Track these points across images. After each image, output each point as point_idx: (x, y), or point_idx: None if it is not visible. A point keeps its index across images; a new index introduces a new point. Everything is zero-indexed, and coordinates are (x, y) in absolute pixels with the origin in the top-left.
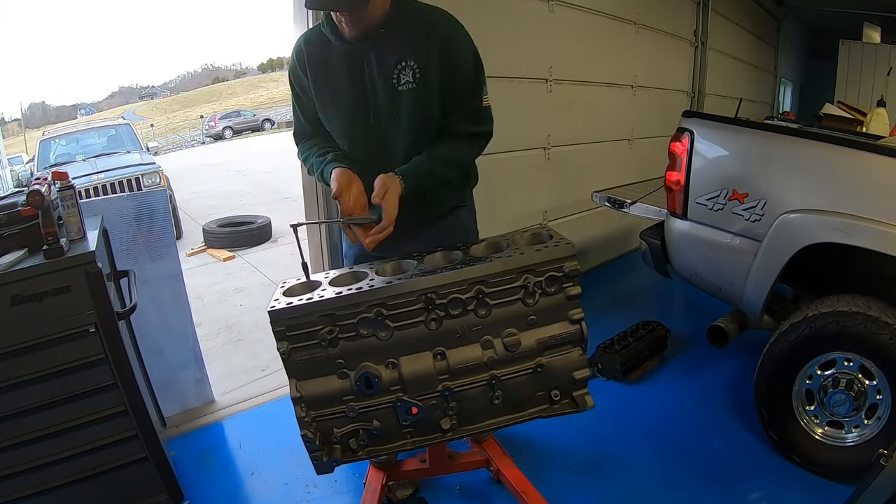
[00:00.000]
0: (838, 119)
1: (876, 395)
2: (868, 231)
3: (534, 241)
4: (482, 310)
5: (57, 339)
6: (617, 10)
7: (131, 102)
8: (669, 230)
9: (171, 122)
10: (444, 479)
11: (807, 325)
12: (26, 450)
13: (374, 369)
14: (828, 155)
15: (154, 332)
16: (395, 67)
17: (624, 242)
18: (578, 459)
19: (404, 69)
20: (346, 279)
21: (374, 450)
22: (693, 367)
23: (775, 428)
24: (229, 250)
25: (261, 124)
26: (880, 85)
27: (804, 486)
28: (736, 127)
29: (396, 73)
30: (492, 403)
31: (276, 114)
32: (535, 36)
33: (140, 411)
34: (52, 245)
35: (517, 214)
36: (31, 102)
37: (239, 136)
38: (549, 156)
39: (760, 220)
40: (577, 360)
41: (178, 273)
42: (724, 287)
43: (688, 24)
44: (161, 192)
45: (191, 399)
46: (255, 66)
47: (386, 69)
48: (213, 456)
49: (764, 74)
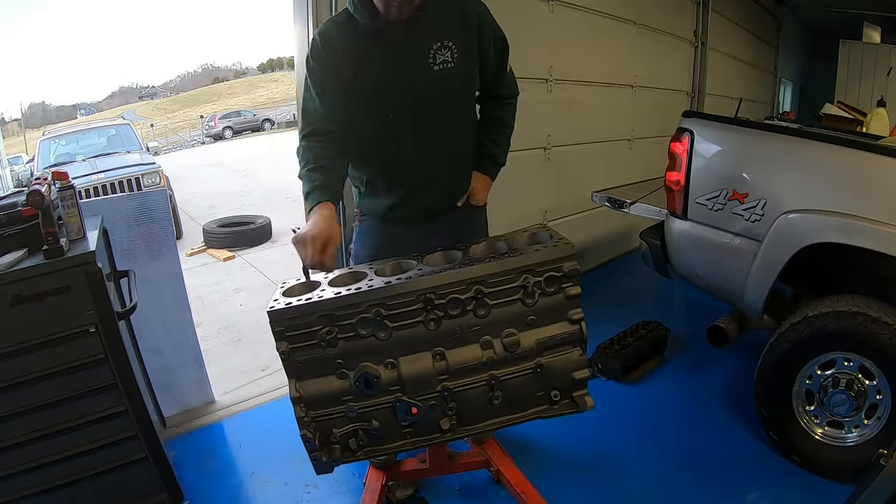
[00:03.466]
0: (838, 119)
1: (876, 395)
2: (868, 231)
3: (533, 241)
4: (481, 310)
5: (57, 339)
6: (617, 10)
7: (131, 102)
8: (669, 230)
9: (171, 122)
10: (444, 480)
11: (807, 325)
12: (26, 450)
13: (374, 369)
14: (828, 155)
15: (154, 332)
16: (431, 48)
17: (624, 242)
18: (578, 460)
19: (440, 49)
20: (346, 279)
21: (374, 450)
22: (693, 367)
23: (775, 428)
24: (229, 250)
25: (261, 124)
26: (880, 85)
27: (804, 487)
28: (736, 127)
29: (433, 54)
30: (491, 404)
31: (277, 114)
32: (535, 36)
33: (140, 411)
34: (52, 245)
35: (517, 214)
36: (31, 102)
37: (239, 136)
38: (549, 156)
39: (760, 220)
40: (577, 360)
41: (178, 273)
42: (724, 287)
43: (688, 24)
44: (161, 192)
45: (191, 399)
46: (255, 66)
47: (422, 50)
48: (213, 456)
49: (764, 74)
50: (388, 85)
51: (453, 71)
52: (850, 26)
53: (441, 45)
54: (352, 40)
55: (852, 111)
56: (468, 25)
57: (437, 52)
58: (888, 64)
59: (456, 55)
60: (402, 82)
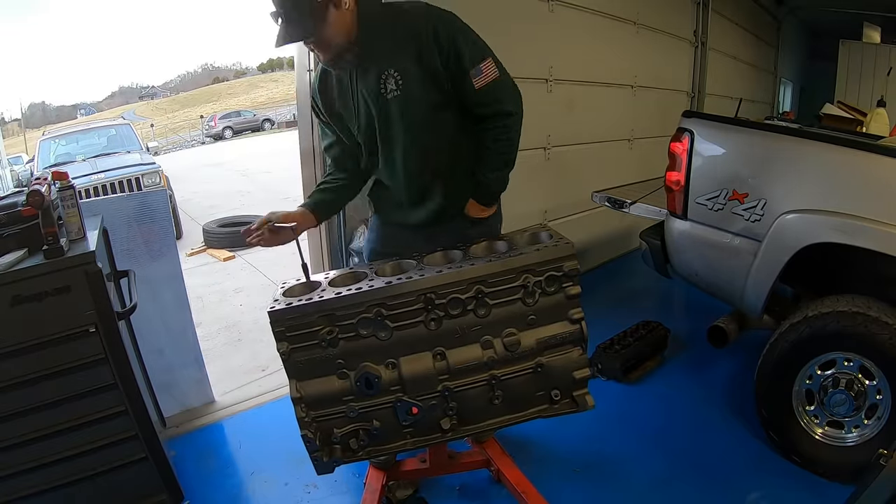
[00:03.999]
0: (838, 119)
1: (876, 395)
2: (868, 231)
3: (533, 241)
4: (482, 310)
5: (57, 339)
6: (617, 10)
7: (131, 102)
8: (669, 230)
9: (171, 122)
10: (444, 479)
11: (807, 325)
12: (26, 450)
13: (374, 369)
14: (828, 155)
15: (154, 332)
16: (379, 79)
17: (624, 242)
18: (578, 459)
19: (387, 79)
20: (346, 280)
21: (375, 450)
22: (693, 367)
23: (775, 428)
24: (229, 250)
25: (261, 124)
26: (880, 85)
27: (804, 486)
28: (736, 127)
29: (383, 84)
30: (492, 403)
31: (277, 114)
32: (535, 36)
33: (140, 411)
34: (52, 245)
35: (517, 214)
36: (31, 102)
37: (239, 136)
38: (549, 156)
39: (760, 220)
40: (577, 359)
41: (178, 273)
42: (724, 287)
43: (688, 24)
44: (161, 192)
45: (191, 399)
46: (255, 66)
47: (372, 83)
48: (213, 456)
49: (764, 74)
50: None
51: (400, 98)
52: (850, 26)
53: (387, 74)
54: (327, 82)
55: (852, 111)
56: (418, 46)
57: (385, 82)
58: (888, 64)
59: (400, 82)
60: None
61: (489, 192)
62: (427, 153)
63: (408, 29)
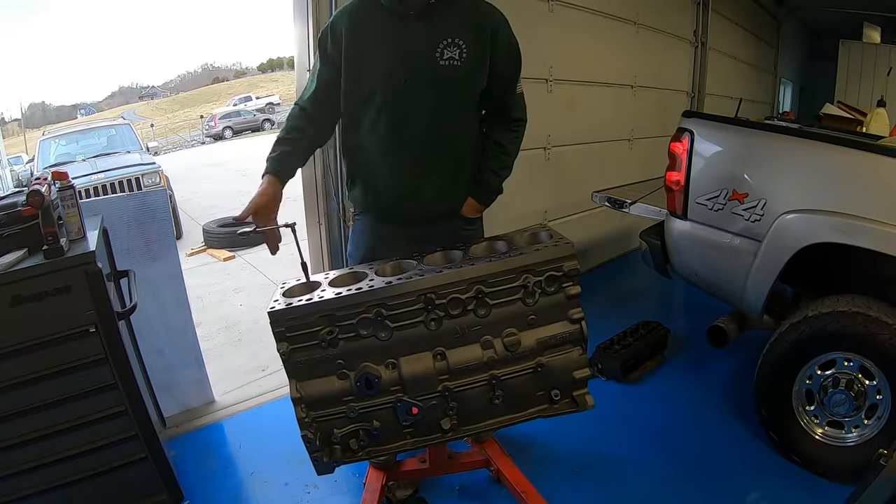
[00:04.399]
0: (838, 119)
1: (876, 395)
2: (868, 231)
3: (533, 241)
4: (482, 310)
5: (57, 339)
6: (617, 10)
7: (131, 102)
8: (669, 230)
9: (171, 122)
10: (444, 479)
11: (807, 325)
12: (26, 450)
13: (374, 370)
14: (828, 155)
15: (154, 332)
16: (441, 42)
17: (624, 242)
18: (578, 459)
19: (449, 46)
20: (346, 280)
21: (375, 450)
22: (693, 367)
23: (775, 428)
24: (229, 250)
25: (261, 124)
26: (880, 85)
27: (804, 486)
28: (736, 127)
29: (441, 49)
30: (492, 403)
31: (277, 114)
32: (535, 36)
33: (140, 411)
34: (52, 245)
35: (517, 214)
36: (31, 102)
37: (239, 136)
38: (549, 156)
39: (760, 220)
40: (577, 359)
41: (178, 273)
42: (724, 287)
43: (688, 24)
44: (161, 192)
45: (191, 399)
46: (255, 66)
47: (431, 42)
48: (213, 456)
49: (764, 74)
50: (391, 67)
51: (458, 69)
52: (850, 26)
53: (450, 41)
54: (367, 20)
55: (852, 111)
56: (481, 33)
57: (445, 48)
58: (888, 64)
59: (464, 55)
60: (403, 68)
61: (490, 190)
62: (449, 131)
63: (488, 14)
